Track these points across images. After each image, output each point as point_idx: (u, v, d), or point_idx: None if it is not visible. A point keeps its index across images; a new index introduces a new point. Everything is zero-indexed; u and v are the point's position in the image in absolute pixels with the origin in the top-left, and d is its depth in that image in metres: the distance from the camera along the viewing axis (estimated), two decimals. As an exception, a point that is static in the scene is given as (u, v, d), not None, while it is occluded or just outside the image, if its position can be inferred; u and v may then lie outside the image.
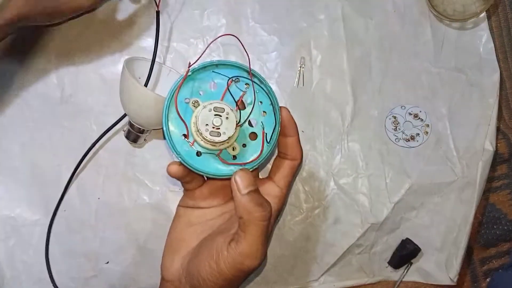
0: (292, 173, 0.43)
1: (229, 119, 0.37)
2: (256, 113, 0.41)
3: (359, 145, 0.53)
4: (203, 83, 0.40)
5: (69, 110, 0.52)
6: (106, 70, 0.52)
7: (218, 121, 0.37)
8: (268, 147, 0.40)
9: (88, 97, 0.52)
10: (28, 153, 0.52)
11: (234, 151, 0.40)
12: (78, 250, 0.52)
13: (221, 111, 0.37)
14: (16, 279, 0.51)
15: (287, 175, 0.42)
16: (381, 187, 0.53)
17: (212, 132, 0.37)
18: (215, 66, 0.40)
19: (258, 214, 0.37)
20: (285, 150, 0.42)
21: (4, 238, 0.51)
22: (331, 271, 0.53)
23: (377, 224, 0.52)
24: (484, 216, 0.55)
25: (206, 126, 0.37)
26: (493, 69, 0.53)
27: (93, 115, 0.52)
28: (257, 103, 0.41)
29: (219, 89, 0.40)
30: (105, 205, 0.52)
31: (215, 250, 0.38)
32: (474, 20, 0.54)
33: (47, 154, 0.52)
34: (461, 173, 0.53)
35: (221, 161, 0.40)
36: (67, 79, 0.52)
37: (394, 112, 0.54)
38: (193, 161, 0.39)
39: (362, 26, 0.54)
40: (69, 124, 0.52)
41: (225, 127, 0.37)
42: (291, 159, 0.42)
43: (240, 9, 0.54)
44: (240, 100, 0.40)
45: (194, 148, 0.39)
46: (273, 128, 0.40)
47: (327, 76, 0.53)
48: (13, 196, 0.52)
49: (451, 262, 0.52)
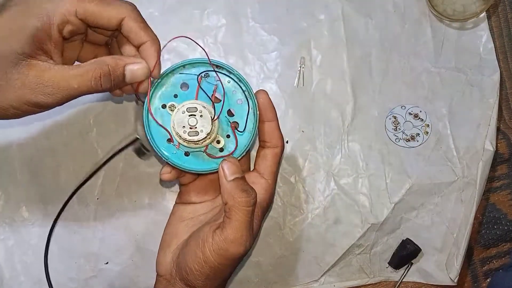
0: (275, 161, 0.42)
1: (203, 116, 0.38)
2: (233, 102, 0.41)
3: (359, 145, 0.53)
4: (174, 86, 0.40)
5: (68, 109, 0.52)
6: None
7: (193, 120, 0.38)
8: (249, 135, 0.41)
9: (88, 96, 0.52)
10: (27, 153, 0.52)
11: (219, 144, 0.41)
12: (78, 250, 0.51)
13: (194, 111, 0.38)
14: (15, 279, 0.51)
15: (271, 164, 0.42)
16: (381, 187, 0.52)
17: (190, 132, 0.38)
18: (182, 68, 0.40)
19: (243, 199, 0.37)
20: (264, 137, 0.42)
21: (3, 239, 0.51)
22: (332, 272, 0.53)
23: (377, 224, 0.52)
24: (485, 216, 0.55)
25: (183, 128, 0.38)
26: (493, 69, 0.53)
27: (92, 114, 0.52)
28: (230, 93, 0.41)
29: (192, 88, 0.40)
30: (104, 205, 0.52)
31: (201, 239, 0.38)
32: (474, 20, 0.54)
33: (45, 154, 0.52)
34: (461, 173, 0.53)
35: (208, 156, 0.40)
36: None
37: (394, 112, 0.54)
38: (183, 162, 0.40)
39: (362, 26, 0.54)
40: (68, 124, 0.52)
41: (201, 124, 0.38)
42: (272, 147, 0.42)
43: (240, 9, 0.54)
44: (214, 95, 0.40)
45: (181, 149, 0.40)
46: (247, 115, 0.41)
47: (327, 76, 0.53)
48: (12, 196, 0.51)
49: (452, 262, 0.52)
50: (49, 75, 0.32)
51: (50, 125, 0.52)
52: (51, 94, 0.33)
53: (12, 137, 0.52)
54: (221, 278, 0.40)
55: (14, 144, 0.52)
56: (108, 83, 0.34)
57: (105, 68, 0.34)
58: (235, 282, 0.52)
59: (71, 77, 0.33)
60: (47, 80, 0.32)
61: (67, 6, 0.34)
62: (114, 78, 0.34)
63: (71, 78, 0.33)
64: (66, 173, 0.51)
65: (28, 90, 0.32)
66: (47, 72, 0.32)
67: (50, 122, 0.52)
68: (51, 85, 0.32)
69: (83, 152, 0.51)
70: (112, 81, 0.34)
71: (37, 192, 0.52)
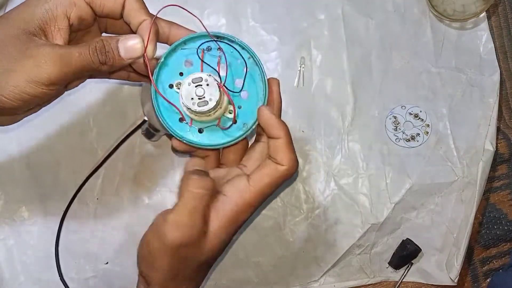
0: (271, 178, 0.37)
1: (210, 85, 0.37)
2: (239, 71, 0.40)
3: (359, 145, 0.53)
4: (178, 64, 0.40)
5: (67, 109, 0.52)
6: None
7: (201, 90, 0.37)
8: (259, 102, 0.40)
9: (86, 95, 0.52)
10: (26, 152, 0.52)
11: (231, 114, 0.40)
12: (77, 250, 0.51)
13: (199, 81, 0.37)
14: (15, 279, 0.51)
15: (263, 174, 0.37)
16: (381, 187, 0.52)
17: (200, 103, 0.37)
18: (183, 44, 0.40)
19: (192, 181, 0.35)
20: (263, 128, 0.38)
21: (3, 239, 0.51)
22: (332, 272, 0.53)
23: (377, 225, 0.52)
24: (485, 216, 0.55)
25: (191, 100, 0.37)
26: (493, 69, 0.53)
27: (92, 114, 0.52)
28: (235, 62, 0.40)
29: (196, 64, 0.40)
30: (104, 205, 0.52)
31: (152, 225, 0.37)
32: (474, 20, 0.54)
33: (45, 153, 0.52)
34: (462, 173, 0.53)
35: (222, 129, 0.40)
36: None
37: (395, 112, 0.54)
38: (198, 139, 0.39)
39: (363, 26, 0.54)
40: (67, 123, 0.52)
41: (209, 93, 0.37)
42: (276, 163, 0.37)
43: (240, 8, 0.54)
44: (218, 65, 0.40)
45: (194, 126, 0.40)
46: (255, 81, 0.40)
47: (327, 76, 0.53)
48: (12, 196, 0.51)
49: (452, 262, 0.52)
50: (51, 48, 0.33)
51: (50, 125, 0.52)
52: (53, 65, 0.33)
53: (12, 137, 0.52)
54: (163, 270, 0.36)
55: (14, 144, 0.52)
56: (104, 56, 0.34)
57: (100, 42, 0.34)
58: (235, 282, 0.52)
59: (72, 50, 0.34)
60: (48, 52, 0.33)
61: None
62: (108, 50, 0.34)
63: (72, 48, 0.34)
64: (66, 173, 0.51)
65: (30, 64, 0.32)
66: (48, 46, 0.33)
67: (50, 122, 0.52)
68: (53, 56, 0.33)
69: (83, 152, 0.51)
70: (106, 54, 0.34)
71: (37, 192, 0.51)
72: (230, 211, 0.37)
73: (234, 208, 0.37)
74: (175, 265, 0.36)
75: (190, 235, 0.35)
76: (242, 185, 0.37)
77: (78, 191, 0.51)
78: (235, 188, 0.37)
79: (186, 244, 0.35)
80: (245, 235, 0.52)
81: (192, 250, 0.36)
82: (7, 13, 0.35)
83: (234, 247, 0.52)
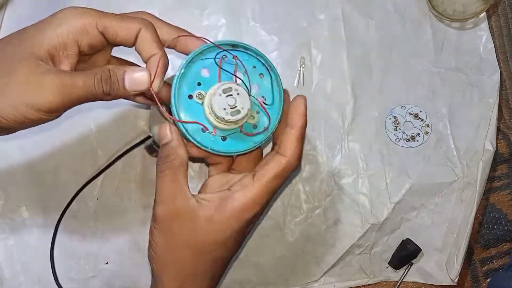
0: (276, 169, 0.37)
1: (240, 94, 0.38)
2: (255, 78, 0.41)
3: (359, 145, 0.53)
4: (196, 75, 0.40)
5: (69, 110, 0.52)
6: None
7: (232, 100, 0.37)
8: (277, 107, 0.40)
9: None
10: (26, 154, 0.52)
11: (253, 119, 0.40)
12: (78, 250, 0.51)
13: (229, 91, 0.38)
14: (15, 279, 0.51)
15: (269, 169, 0.37)
16: (381, 187, 0.52)
17: (232, 112, 0.38)
18: (200, 55, 0.40)
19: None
20: (277, 141, 0.39)
21: (3, 239, 0.51)
22: (332, 272, 0.53)
23: (377, 225, 0.52)
24: (485, 216, 0.55)
25: (224, 110, 0.37)
26: (493, 69, 0.53)
27: (92, 116, 0.52)
28: (251, 69, 0.40)
29: (213, 73, 0.40)
30: (105, 205, 0.52)
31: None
32: (474, 20, 0.54)
33: (45, 155, 0.52)
34: (462, 173, 0.53)
35: (245, 135, 0.40)
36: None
37: (395, 112, 0.54)
38: (222, 147, 0.40)
39: (363, 26, 0.54)
40: (69, 124, 0.52)
41: (241, 102, 0.38)
42: (281, 155, 0.38)
43: (240, 9, 0.54)
44: (235, 73, 0.40)
45: (217, 135, 0.40)
46: (271, 87, 0.41)
47: (327, 76, 0.53)
48: (12, 196, 0.51)
49: (452, 262, 0.52)
50: (56, 76, 0.33)
51: (50, 126, 0.52)
52: (55, 94, 0.32)
53: (12, 137, 0.52)
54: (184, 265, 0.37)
55: (14, 144, 0.52)
56: (108, 86, 0.34)
57: (106, 72, 0.34)
58: (235, 282, 0.52)
59: (76, 79, 0.33)
60: (53, 80, 0.33)
61: (89, 19, 0.34)
62: (113, 82, 0.34)
63: (77, 77, 0.33)
64: (66, 174, 0.51)
65: (33, 90, 0.32)
66: (53, 73, 0.33)
67: (50, 123, 0.52)
68: (57, 84, 0.32)
69: (83, 152, 0.51)
70: (111, 85, 0.34)
71: (37, 192, 0.51)
72: (234, 207, 0.37)
73: (236, 204, 0.37)
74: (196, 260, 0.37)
75: (170, 206, 0.37)
76: (247, 181, 0.37)
77: (75, 196, 0.51)
78: (240, 185, 0.37)
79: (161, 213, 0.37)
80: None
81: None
82: (18, 34, 0.34)
83: (234, 247, 0.52)
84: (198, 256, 0.37)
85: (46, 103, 0.32)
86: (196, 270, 0.37)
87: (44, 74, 0.32)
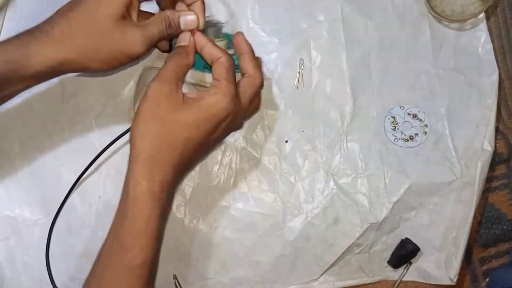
0: (226, 68, 0.43)
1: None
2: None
3: (358, 145, 0.53)
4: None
5: (70, 110, 0.52)
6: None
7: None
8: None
9: (89, 97, 0.53)
10: (28, 153, 0.52)
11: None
12: (78, 250, 0.52)
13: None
14: (16, 279, 0.51)
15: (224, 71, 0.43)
16: (380, 187, 0.53)
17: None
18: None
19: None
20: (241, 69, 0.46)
21: (4, 238, 0.51)
22: (331, 271, 0.53)
23: (376, 224, 0.52)
24: (483, 216, 0.55)
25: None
26: (491, 70, 0.54)
27: (94, 115, 0.52)
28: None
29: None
30: (106, 205, 0.52)
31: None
32: (473, 20, 0.54)
33: (47, 154, 0.52)
34: (460, 173, 0.53)
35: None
36: (67, 78, 0.52)
37: (393, 112, 0.54)
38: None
39: (362, 26, 0.54)
40: (69, 124, 0.52)
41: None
42: (248, 77, 0.46)
43: (240, 10, 0.54)
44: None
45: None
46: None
47: (326, 76, 0.54)
48: (13, 196, 0.52)
49: (451, 261, 0.52)
50: (140, 30, 0.42)
51: (51, 125, 0.53)
52: (141, 43, 0.42)
53: (13, 136, 0.52)
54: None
55: (15, 144, 0.52)
56: (171, 29, 0.43)
57: (167, 18, 0.43)
58: (235, 281, 0.52)
59: (153, 30, 0.42)
60: (139, 33, 0.41)
61: None
62: (173, 25, 0.43)
63: (152, 27, 0.42)
64: (67, 173, 0.52)
65: (125, 44, 0.41)
66: (136, 27, 0.42)
67: (51, 121, 0.52)
68: (142, 36, 0.42)
69: (84, 152, 0.52)
70: (172, 28, 0.43)
71: (38, 191, 0.52)
72: (209, 99, 0.42)
73: (211, 98, 0.42)
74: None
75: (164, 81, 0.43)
76: (218, 83, 0.43)
77: (76, 183, 0.51)
78: (213, 87, 0.43)
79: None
80: (245, 234, 0.52)
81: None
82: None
83: (234, 246, 0.52)
84: (174, 129, 0.41)
85: (136, 53, 0.42)
86: (170, 141, 0.41)
87: (134, 32, 0.41)
